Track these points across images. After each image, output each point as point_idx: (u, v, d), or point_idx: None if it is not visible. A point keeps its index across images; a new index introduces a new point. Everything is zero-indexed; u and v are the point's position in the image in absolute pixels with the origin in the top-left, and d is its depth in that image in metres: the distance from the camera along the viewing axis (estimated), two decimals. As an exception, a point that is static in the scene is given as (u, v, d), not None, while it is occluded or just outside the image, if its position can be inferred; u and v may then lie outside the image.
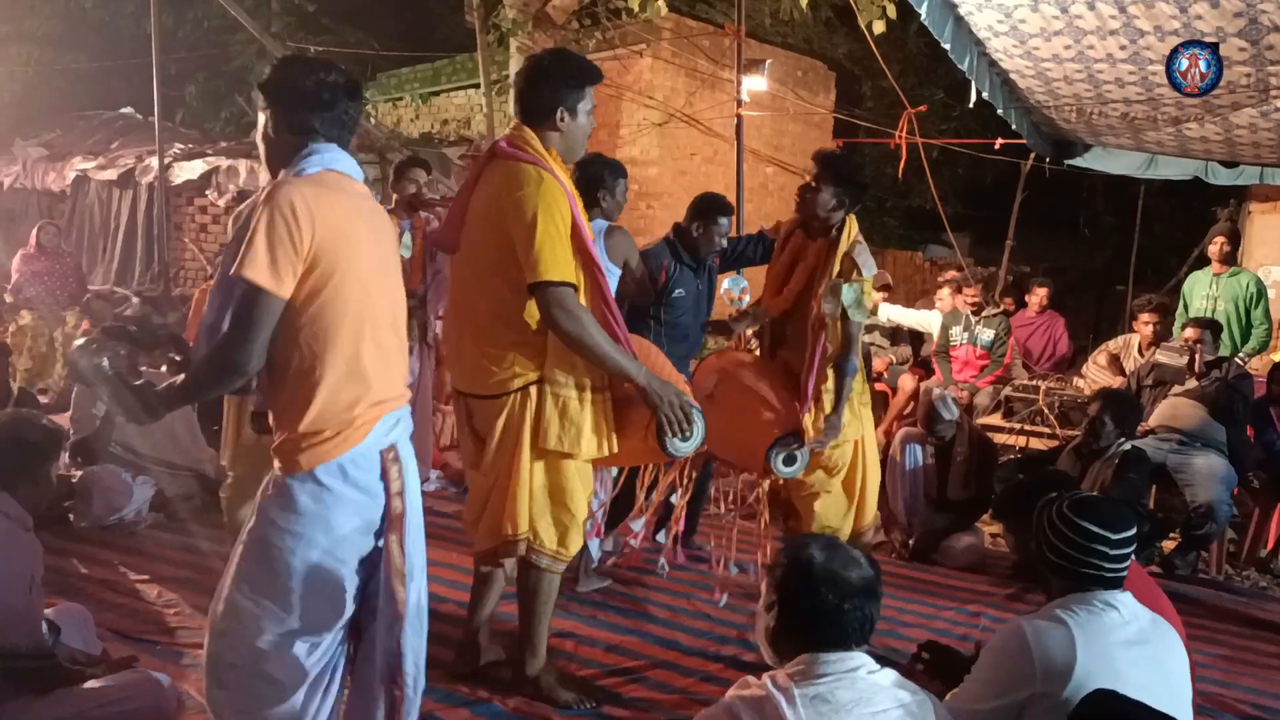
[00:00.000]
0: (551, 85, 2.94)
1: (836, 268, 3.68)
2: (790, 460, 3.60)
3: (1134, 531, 2.39)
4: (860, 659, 2.01)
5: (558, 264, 2.78)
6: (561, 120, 2.94)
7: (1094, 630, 2.25)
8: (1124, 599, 2.35)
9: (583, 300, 2.89)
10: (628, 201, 4.67)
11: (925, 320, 7.67)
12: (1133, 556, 2.41)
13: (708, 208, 4.48)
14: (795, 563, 2.02)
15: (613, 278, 3.94)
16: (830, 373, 3.72)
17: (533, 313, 2.87)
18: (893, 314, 7.80)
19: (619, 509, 4.49)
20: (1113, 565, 2.35)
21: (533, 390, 2.92)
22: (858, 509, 3.95)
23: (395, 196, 5.22)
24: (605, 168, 4.23)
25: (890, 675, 2.03)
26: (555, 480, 3.02)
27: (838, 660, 1.98)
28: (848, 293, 3.62)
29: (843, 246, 3.71)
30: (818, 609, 1.98)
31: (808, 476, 3.81)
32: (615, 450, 3.06)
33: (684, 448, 2.99)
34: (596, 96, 3.07)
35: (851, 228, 3.77)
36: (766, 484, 4.00)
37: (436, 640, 3.64)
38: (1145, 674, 2.22)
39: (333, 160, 2.25)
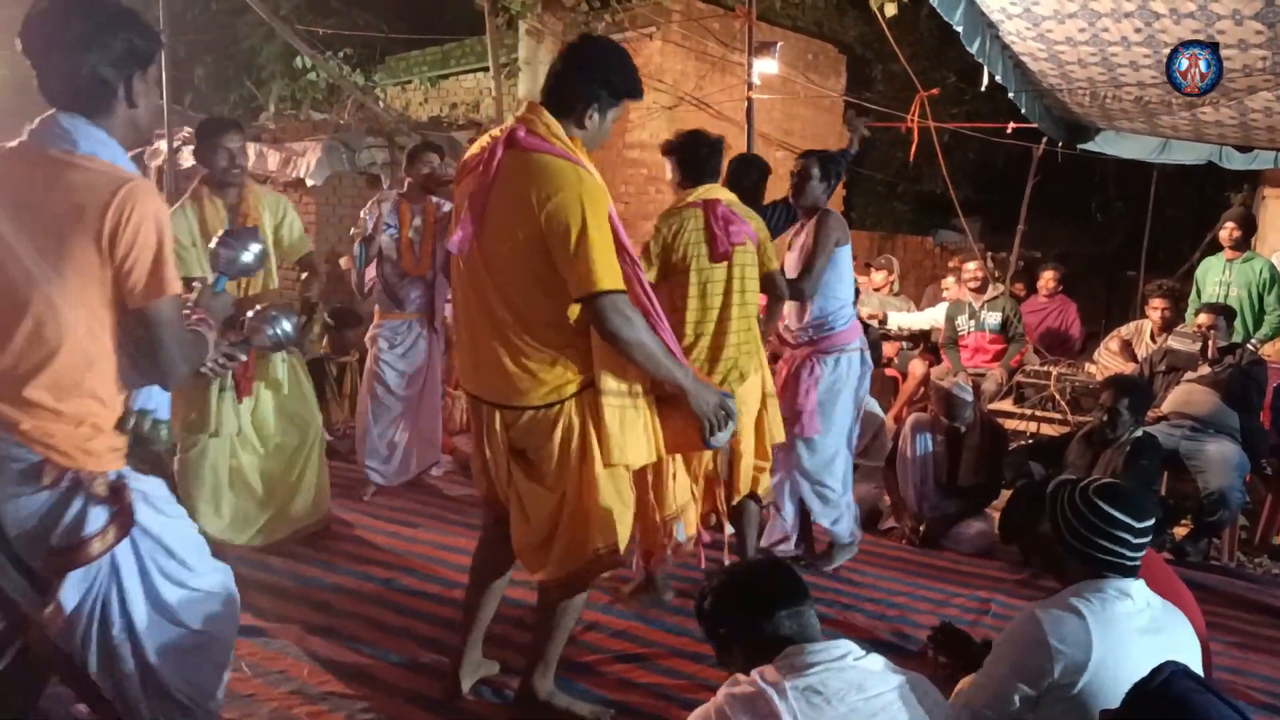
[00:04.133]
0: (598, 81, 2.72)
1: None
2: None
3: (1155, 520, 2.39)
4: (846, 646, 2.02)
5: (611, 272, 2.57)
6: (589, 119, 2.73)
7: (1108, 619, 2.24)
8: (1137, 587, 2.34)
9: None
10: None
11: (933, 318, 7.67)
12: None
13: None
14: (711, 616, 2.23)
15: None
16: None
17: (574, 314, 2.64)
18: (902, 321, 7.78)
19: None
20: (1133, 554, 2.35)
21: (586, 396, 2.72)
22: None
23: (408, 181, 5.21)
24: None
25: (878, 660, 2.03)
26: (615, 487, 2.81)
27: (823, 650, 1.99)
28: None
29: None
30: (761, 640, 2.08)
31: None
32: (663, 453, 2.93)
33: (722, 438, 2.92)
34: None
35: (680, 198, 3.84)
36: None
37: (447, 625, 3.66)
38: (1159, 662, 2.21)
39: None
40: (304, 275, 4.58)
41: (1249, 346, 5.84)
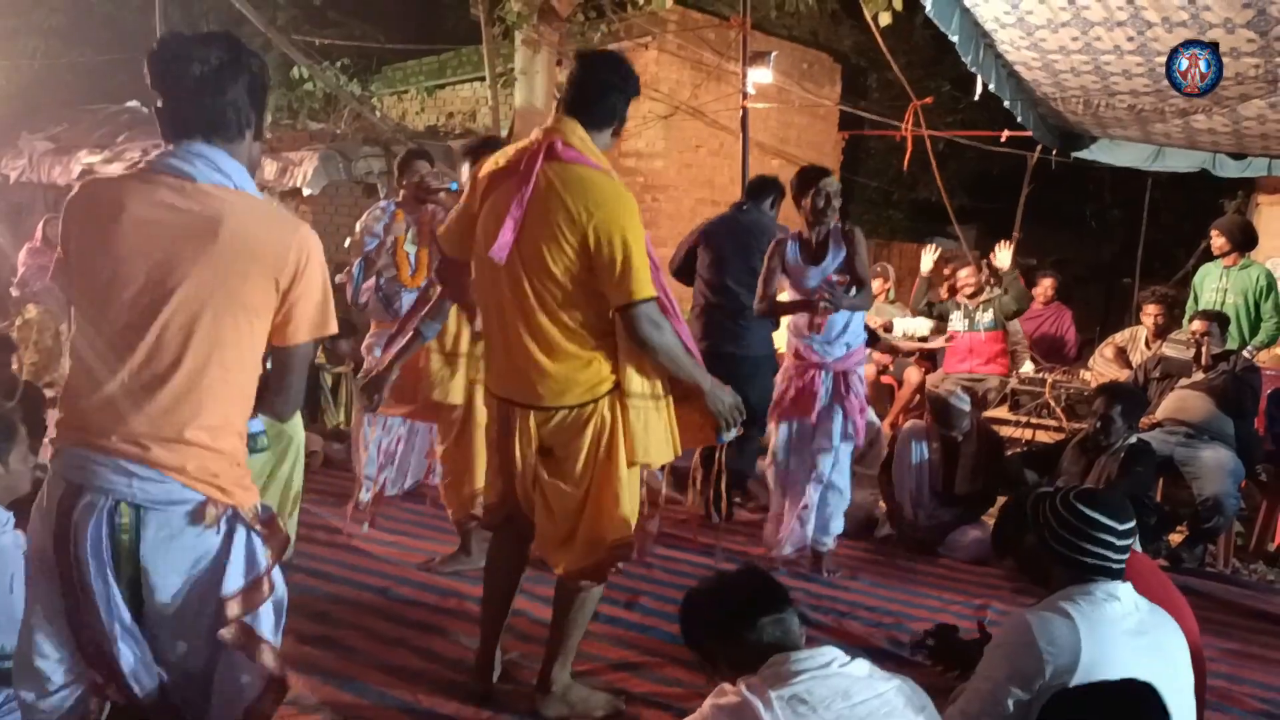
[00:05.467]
0: (625, 96, 2.93)
1: None
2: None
3: (1135, 522, 2.44)
4: (831, 653, 2.03)
5: (646, 282, 2.76)
6: (616, 132, 2.96)
7: (1097, 620, 2.27)
8: (1124, 590, 2.37)
9: None
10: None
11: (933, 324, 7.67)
12: (1142, 550, 2.43)
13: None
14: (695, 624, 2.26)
15: None
16: None
17: (607, 317, 2.82)
18: (907, 327, 7.77)
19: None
20: (1118, 556, 2.39)
21: (615, 395, 2.87)
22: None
23: (403, 192, 5.20)
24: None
25: (864, 666, 2.04)
26: (630, 484, 2.96)
27: (808, 658, 2.01)
28: None
29: None
30: (745, 649, 2.09)
31: None
32: (680, 451, 3.07)
33: (732, 434, 3.07)
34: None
35: None
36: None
37: (443, 634, 3.66)
38: (1149, 663, 2.24)
39: None
40: None
41: (1243, 353, 5.86)
